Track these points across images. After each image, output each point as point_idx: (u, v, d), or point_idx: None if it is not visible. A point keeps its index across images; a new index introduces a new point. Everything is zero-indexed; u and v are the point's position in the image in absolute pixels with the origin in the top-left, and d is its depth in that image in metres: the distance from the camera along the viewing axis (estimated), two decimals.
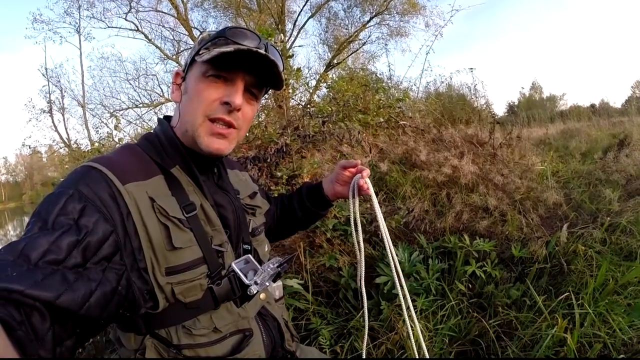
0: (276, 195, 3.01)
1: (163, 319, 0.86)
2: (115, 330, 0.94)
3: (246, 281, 0.94)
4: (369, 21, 18.37)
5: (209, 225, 0.94)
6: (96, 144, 6.95)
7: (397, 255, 2.59)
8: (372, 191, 1.18)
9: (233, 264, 0.96)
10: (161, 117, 1.07)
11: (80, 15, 17.08)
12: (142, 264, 0.81)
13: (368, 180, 1.19)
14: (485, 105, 6.38)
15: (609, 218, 2.80)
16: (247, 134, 4.25)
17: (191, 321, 0.89)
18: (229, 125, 0.96)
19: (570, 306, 2.18)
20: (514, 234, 2.85)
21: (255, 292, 0.95)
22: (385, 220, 2.90)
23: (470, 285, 2.54)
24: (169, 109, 16.40)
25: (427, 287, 2.47)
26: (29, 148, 18.54)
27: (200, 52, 0.92)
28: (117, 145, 6.29)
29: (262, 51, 0.92)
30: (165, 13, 17.30)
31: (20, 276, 0.62)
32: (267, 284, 0.98)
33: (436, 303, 2.40)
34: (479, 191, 3.28)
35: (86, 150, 7.39)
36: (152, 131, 1.04)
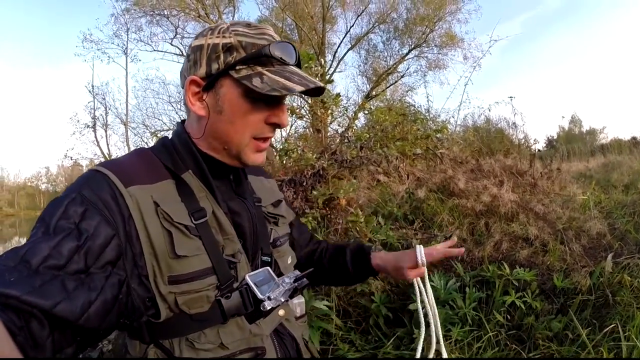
0: (311, 219, 3.03)
1: (167, 329, 0.84)
2: (123, 337, 0.92)
3: (260, 295, 0.89)
4: (407, 53, 18.69)
5: (220, 234, 0.90)
6: None
7: (432, 282, 2.55)
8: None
9: (247, 277, 0.91)
10: (179, 121, 1.03)
11: (128, 37, 18.26)
12: (144, 271, 0.79)
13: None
14: (524, 140, 6.27)
15: None
16: (284, 159, 4.34)
17: (196, 334, 0.84)
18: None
19: (616, 340, 2.08)
20: (555, 265, 2.76)
21: (268, 308, 0.89)
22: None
23: (508, 317, 2.46)
24: None
25: (463, 317, 2.41)
26: (71, 159, 19.49)
27: (238, 69, 0.85)
28: None
29: (320, 84, 0.89)
30: None
31: (18, 282, 0.61)
32: (282, 299, 0.92)
33: (472, 334, 2.34)
34: (519, 220, 3.20)
35: None
36: (168, 135, 1.00)
